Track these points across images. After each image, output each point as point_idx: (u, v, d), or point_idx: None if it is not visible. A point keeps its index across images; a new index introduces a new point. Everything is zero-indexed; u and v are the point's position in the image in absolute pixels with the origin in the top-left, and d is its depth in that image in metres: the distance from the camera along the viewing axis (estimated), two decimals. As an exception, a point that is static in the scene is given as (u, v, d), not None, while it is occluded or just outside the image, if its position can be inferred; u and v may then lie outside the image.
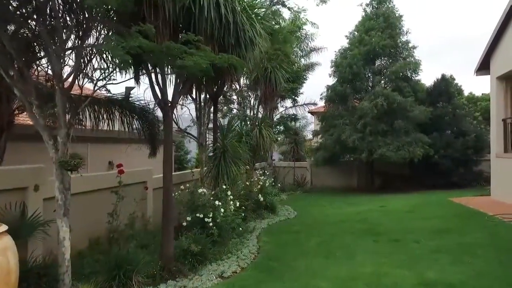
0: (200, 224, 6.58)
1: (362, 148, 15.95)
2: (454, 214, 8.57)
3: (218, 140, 8.11)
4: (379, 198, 14.37)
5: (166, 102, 5.41)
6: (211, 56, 3.87)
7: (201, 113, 9.21)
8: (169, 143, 5.47)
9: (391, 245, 6.31)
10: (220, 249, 6.55)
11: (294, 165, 20.11)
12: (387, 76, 17.35)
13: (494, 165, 10.53)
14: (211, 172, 7.79)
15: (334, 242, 6.84)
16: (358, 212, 10.53)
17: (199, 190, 6.75)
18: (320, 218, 9.98)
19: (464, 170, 16.66)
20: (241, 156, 8.22)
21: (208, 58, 3.76)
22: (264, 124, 10.49)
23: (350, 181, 19.52)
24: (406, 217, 8.97)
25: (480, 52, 10.62)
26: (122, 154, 10.26)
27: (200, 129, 9.28)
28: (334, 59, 18.62)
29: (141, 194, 6.99)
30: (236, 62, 4.38)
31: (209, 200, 6.71)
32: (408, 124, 16.35)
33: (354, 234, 7.38)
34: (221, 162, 7.81)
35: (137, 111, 7.85)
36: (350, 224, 8.52)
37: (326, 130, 18.17)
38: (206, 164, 8.38)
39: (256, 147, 10.08)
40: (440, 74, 18.07)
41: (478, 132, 16.73)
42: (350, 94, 17.58)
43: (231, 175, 7.73)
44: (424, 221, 8.13)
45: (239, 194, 9.12)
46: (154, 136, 8.17)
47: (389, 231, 7.35)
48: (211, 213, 6.52)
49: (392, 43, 17.27)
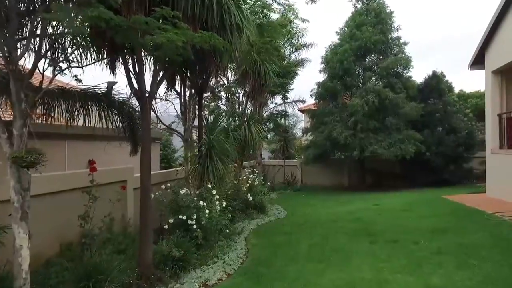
0: (183, 226, 6.06)
1: (353, 146, 15.62)
2: (451, 212, 8.24)
3: (204, 135, 7.58)
4: (372, 196, 14.06)
5: (143, 92, 4.87)
6: (188, 34, 3.35)
7: (186, 108, 8.68)
8: (147, 138, 4.94)
9: (389, 246, 5.90)
10: (205, 253, 6.05)
11: (284, 163, 19.70)
12: (378, 73, 17.06)
13: (490, 161, 10.28)
14: (196, 170, 7.26)
15: (328, 244, 6.40)
16: (351, 211, 10.15)
17: (182, 190, 6.19)
18: (312, 218, 9.54)
19: (454, 167, 16.51)
20: (229, 153, 7.71)
21: (184, 36, 3.24)
22: (253, 120, 10.00)
23: (341, 180, 19.21)
24: (401, 216, 8.61)
25: (468, 50, 10.40)
26: (103, 152, 9.67)
27: (185, 125, 8.76)
28: (325, 55, 18.27)
29: (120, 194, 6.43)
30: (218, 43, 3.87)
31: (193, 201, 6.19)
32: (399, 121, 16.10)
33: (348, 235, 6.95)
34: (207, 159, 7.29)
35: (117, 105, 7.28)
36: (343, 224, 8.10)
37: (316, 127, 17.80)
38: (191, 161, 7.85)
39: (245, 144, 9.58)
40: (431, 71, 17.87)
41: (469, 129, 16.58)
42: (340, 90, 17.25)
43: (218, 173, 7.22)
44: (420, 220, 7.77)
45: (226, 193, 8.61)
46: (135, 132, 7.62)
47: (385, 231, 6.96)
48: (195, 214, 6.00)
49: (384, 38, 16.99)
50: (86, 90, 6.52)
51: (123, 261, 5.12)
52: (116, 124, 7.36)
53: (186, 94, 8.62)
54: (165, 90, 7.79)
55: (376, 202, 11.56)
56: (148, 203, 4.93)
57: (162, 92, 9.16)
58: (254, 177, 11.01)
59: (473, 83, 48.18)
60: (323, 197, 14.93)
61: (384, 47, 17.44)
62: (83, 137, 10.42)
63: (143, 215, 4.93)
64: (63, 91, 5.96)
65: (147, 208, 4.91)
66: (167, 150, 23.15)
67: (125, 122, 7.61)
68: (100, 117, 7.33)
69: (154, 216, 6.44)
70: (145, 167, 4.92)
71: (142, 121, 4.95)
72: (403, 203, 10.79)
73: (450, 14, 59.70)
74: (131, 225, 6.43)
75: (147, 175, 4.91)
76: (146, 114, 4.87)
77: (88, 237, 5.04)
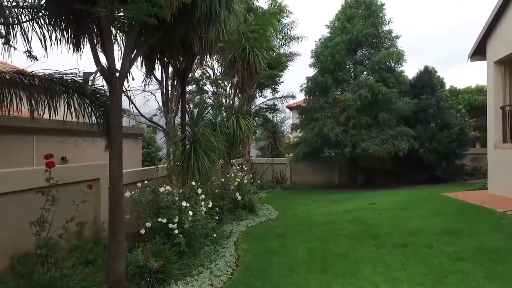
0: (164, 231, 5.22)
1: (345, 142, 15.01)
2: (457, 211, 7.65)
3: (188, 128, 6.73)
4: (364, 194, 13.50)
5: (113, 70, 4.00)
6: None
7: (167, 97, 7.82)
8: (116, 126, 4.07)
9: (399, 251, 5.21)
10: (189, 262, 5.23)
11: (273, 161, 19.01)
12: (369, 67, 16.51)
13: (492, 156, 9.78)
14: (178, 167, 6.41)
15: (329, 250, 5.66)
16: (347, 210, 9.48)
17: (161, 188, 5.33)
18: (306, 219, 8.81)
19: (446, 164, 16.13)
20: (215, 147, 6.89)
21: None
22: (242, 113, 9.19)
23: (331, 178, 18.64)
24: (402, 215, 7.97)
25: (456, 46, 9.91)
26: (79, 148, 8.71)
27: (167, 117, 7.90)
28: (315, 49, 17.63)
29: (90, 194, 5.52)
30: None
31: (175, 201, 5.34)
32: (392, 116, 15.60)
33: (350, 238, 6.23)
34: (191, 154, 6.46)
35: (89, 94, 6.36)
36: (342, 225, 7.39)
37: (306, 123, 17.15)
38: (174, 157, 7.00)
39: (233, 138, 8.77)
40: (423, 66, 17.47)
41: (462, 125, 16.22)
42: (331, 85, 16.63)
43: (203, 170, 6.39)
44: (424, 220, 7.14)
45: (213, 192, 7.80)
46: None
47: (390, 233, 6.28)
48: (177, 217, 5.16)
49: (375, 32, 16.45)
50: (52, 75, 5.60)
51: (90, 274, 4.28)
52: (88, 115, 6.49)
53: (168, 82, 7.77)
54: (144, 77, 6.89)
55: (371, 201, 10.94)
56: (119, 204, 4.07)
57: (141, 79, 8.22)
58: (242, 175, 10.22)
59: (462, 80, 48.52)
60: (314, 195, 14.30)
61: (375, 41, 16.92)
62: (54, 132, 9.39)
63: (112, 219, 4.06)
64: (22, 75, 5.02)
65: (117, 210, 4.05)
66: (151, 148, 22.16)
67: (98, 113, 6.69)
68: (69, 107, 6.45)
69: (131, 219, 5.57)
70: (114, 162, 4.05)
71: (111, 105, 4.09)
72: (400, 202, 10.21)
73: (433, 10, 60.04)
74: (105, 229, 5.55)
75: (117, 171, 4.05)
76: (116, 97, 4.01)
77: (45, 247, 4.14)
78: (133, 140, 14.11)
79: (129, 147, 13.51)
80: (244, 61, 8.61)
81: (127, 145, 13.72)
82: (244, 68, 8.55)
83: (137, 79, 7.51)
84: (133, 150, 13.74)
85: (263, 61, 8.65)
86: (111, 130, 4.12)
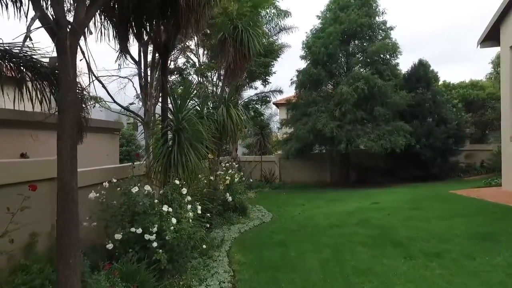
0: (139, 243, 4.03)
1: (340, 138, 14.07)
2: (479, 211, 6.77)
3: (170, 115, 5.53)
4: (361, 193, 12.61)
5: (61, 21, 2.79)
6: None
7: (146, 80, 6.59)
8: (67, 100, 2.85)
9: (436, 264, 4.20)
10: (172, 283, 4.07)
11: (261, 159, 17.94)
12: (365, 59, 15.66)
13: (508, 150, 8.97)
14: (159, 162, 5.22)
15: (346, 262, 4.60)
16: (350, 211, 8.50)
17: (134, 188, 4.13)
18: (305, 222, 7.76)
19: (441, 161, 15.47)
20: (204, 138, 5.72)
21: None
22: (232, 102, 8.04)
23: (323, 176, 17.74)
24: (416, 216, 7.02)
25: (444, 44, 9.03)
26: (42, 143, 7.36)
27: (145, 104, 6.68)
28: (306, 41, 16.63)
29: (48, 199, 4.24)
30: None
31: (153, 205, 4.15)
32: (387, 111, 14.79)
33: (366, 246, 5.20)
34: (174, 147, 5.27)
35: (47, 75, 5.09)
36: (351, 230, 6.37)
37: (297, 119, 16.14)
38: (155, 151, 5.77)
39: (223, 130, 7.61)
40: (417, 59, 16.77)
41: (459, 120, 15.58)
42: (325, 77, 15.68)
43: (189, 165, 5.22)
44: (446, 222, 6.20)
45: (201, 192, 6.63)
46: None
47: (413, 240, 5.29)
48: (155, 225, 3.97)
49: (370, 21, 15.59)
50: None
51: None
52: (46, 99, 5.23)
53: (147, 62, 6.54)
54: (118, 56, 5.66)
55: (372, 200, 10.03)
56: (70, 212, 2.86)
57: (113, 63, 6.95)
58: (233, 173, 9.08)
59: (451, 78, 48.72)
60: (307, 195, 13.30)
61: (369, 32, 16.08)
62: (11, 124, 7.99)
63: (61, 233, 2.85)
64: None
65: (68, 220, 2.84)
66: (131, 145, 20.74)
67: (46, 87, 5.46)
68: (20, 90, 5.17)
69: (98, 228, 4.35)
70: (64, 152, 2.84)
71: (60, 72, 2.87)
72: (405, 201, 9.32)
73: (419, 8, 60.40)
74: None
75: (69, 164, 2.83)
76: (65, 58, 2.79)
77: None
78: (109, 136, 12.70)
79: (104, 143, 12.09)
80: (236, 41, 7.46)
81: (102, 141, 12.31)
82: (236, 48, 7.39)
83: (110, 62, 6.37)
84: (109, 147, 12.34)
85: (258, 41, 7.52)
86: (59, 105, 2.91)
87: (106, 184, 4.28)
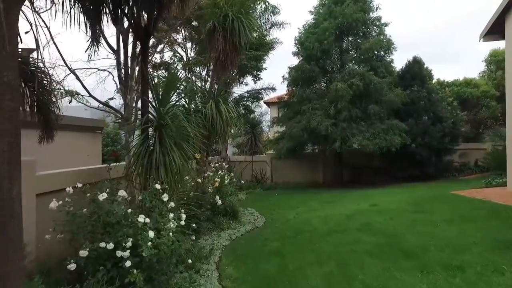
0: (111, 260, 3.35)
1: (335, 137, 13.54)
2: (489, 214, 6.29)
3: (151, 109, 4.85)
4: (357, 194, 12.09)
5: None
6: None
7: (125, 71, 5.90)
8: (4, 79, 2.17)
9: (460, 280, 3.65)
10: (151, 307, 3.40)
11: (252, 159, 17.29)
12: (359, 55, 15.18)
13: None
14: (137, 163, 4.54)
15: (354, 277, 4.01)
16: (348, 214, 7.95)
17: (101, 195, 3.44)
18: (301, 227, 7.17)
19: (436, 160, 15.12)
20: (190, 136, 5.05)
21: None
22: (222, 97, 7.40)
23: (315, 176, 17.20)
24: (422, 220, 6.51)
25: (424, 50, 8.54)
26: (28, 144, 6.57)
27: (125, 98, 5.98)
28: (298, 37, 16.07)
29: None
30: None
31: (127, 215, 3.48)
32: (382, 109, 14.34)
33: (374, 257, 4.63)
34: (156, 145, 4.60)
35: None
36: (353, 236, 5.80)
37: (290, 117, 15.56)
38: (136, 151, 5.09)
39: (212, 128, 6.96)
40: (412, 57, 16.40)
41: (454, 118, 15.23)
42: (318, 74, 15.14)
43: (173, 166, 4.55)
44: (457, 228, 5.69)
45: (187, 196, 5.96)
46: (44, 106, 4.89)
47: (425, 249, 4.74)
48: (130, 239, 3.30)
49: (364, 17, 15.12)
50: None
51: None
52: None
53: (127, 50, 5.84)
54: (89, 43, 4.95)
55: (370, 202, 9.51)
56: (9, 229, 2.18)
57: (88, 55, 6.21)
58: (223, 174, 8.43)
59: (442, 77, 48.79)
60: (300, 196, 12.72)
61: (364, 28, 15.62)
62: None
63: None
64: None
65: (4, 241, 2.16)
66: (116, 145, 19.86)
67: (26, 90, 4.84)
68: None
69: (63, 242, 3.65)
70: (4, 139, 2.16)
71: None
72: (406, 203, 8.82)
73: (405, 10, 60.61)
74: (33, 257, 3.60)
75: (5, 167, 2.16)
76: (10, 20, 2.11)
77: None
78: (91, 135, 11.92)
79: (85, 142, 11.28)
80: (227, 31, 6.81)
81: (83, 140, 11.50)
82: (227, 39, 6.74)
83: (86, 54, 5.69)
84: (90, 147, 11.56)
85: (250, 31, 6.88)
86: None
87: (70, 189, 3.57)
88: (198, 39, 9.26)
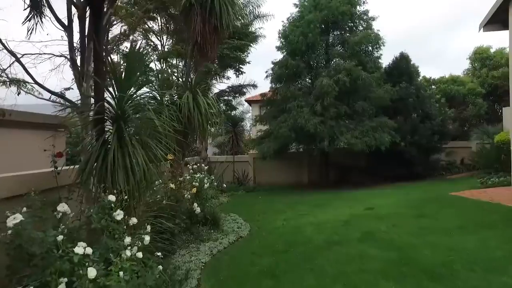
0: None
1: (322, 135, 12.74)
2: (505, 218, 5.58)
3: (108, 98, 3.79)
4: (347, 195, 11.35)
5: None
6: None
7: (83, 54, 4.80)
8: None
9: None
10: None
11: (234, 159, 16.29)
12: (345, 50, 14.46)
13: (521, 145, 7.95)
14: (88, 167, 3.46)
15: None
16: (344, 220, 7.13)
17: (12, 215, 2.36)
18: (292, 237, 6.25)
19: (424, 159, 14.65)
20: (161, 132, 4.01)
21: None
22: (201, 88, 6.37)
23: (300, 176, 16.44)
24: (428, 228, 5.74)
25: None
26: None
27: (80, 87, 4.87)
28: (282, 30, 15.20)
29: None
30: None
31: (57, 243, 2.41)
32: (371, 106, 13.69)
33: (390, 279, 3.76)
34: (114, 143, 3.54)
35: None
36: (356, 250, 4.93)
37: (274, 115, 14.66)
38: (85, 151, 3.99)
39: (188, 123, 5.93)
40: (399, 53, 15.88)
41: (443, 115, 14.79)
42: (303, 70, 14.32)
43: (137, 171, 3.51)
44: (474, 237, 4.94)
45: (158, 206, 4.90)
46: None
47: (448, 267, 3.92)
48: (63, 280, 2.25)
49: (351, 10, 14.42)
50: None
51: None
52: None
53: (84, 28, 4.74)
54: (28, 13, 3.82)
55: (364, 205, 8.78)
56: None
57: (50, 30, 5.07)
58: (202, 177, 7.40)
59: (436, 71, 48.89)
60: (286, 198, 11.83)
61: (350, 23, 14.95)
62: None
63: None
64: None
65: None
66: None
67: None
68: None
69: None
70: None
71: None
72: (404, 206, 8.12)
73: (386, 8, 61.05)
74: None
75: None
76: None
77: None
78: (52, 134, 10.56)
79: (44, 142, 9.97)
80: (206, 10, 5.79)
81: (41, 140, 10.15)
82: (205, 19, 5.74)
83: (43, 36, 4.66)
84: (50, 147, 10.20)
85: (233, 10, 5.89)
86: None
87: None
88: (175, 27, 8.17)
